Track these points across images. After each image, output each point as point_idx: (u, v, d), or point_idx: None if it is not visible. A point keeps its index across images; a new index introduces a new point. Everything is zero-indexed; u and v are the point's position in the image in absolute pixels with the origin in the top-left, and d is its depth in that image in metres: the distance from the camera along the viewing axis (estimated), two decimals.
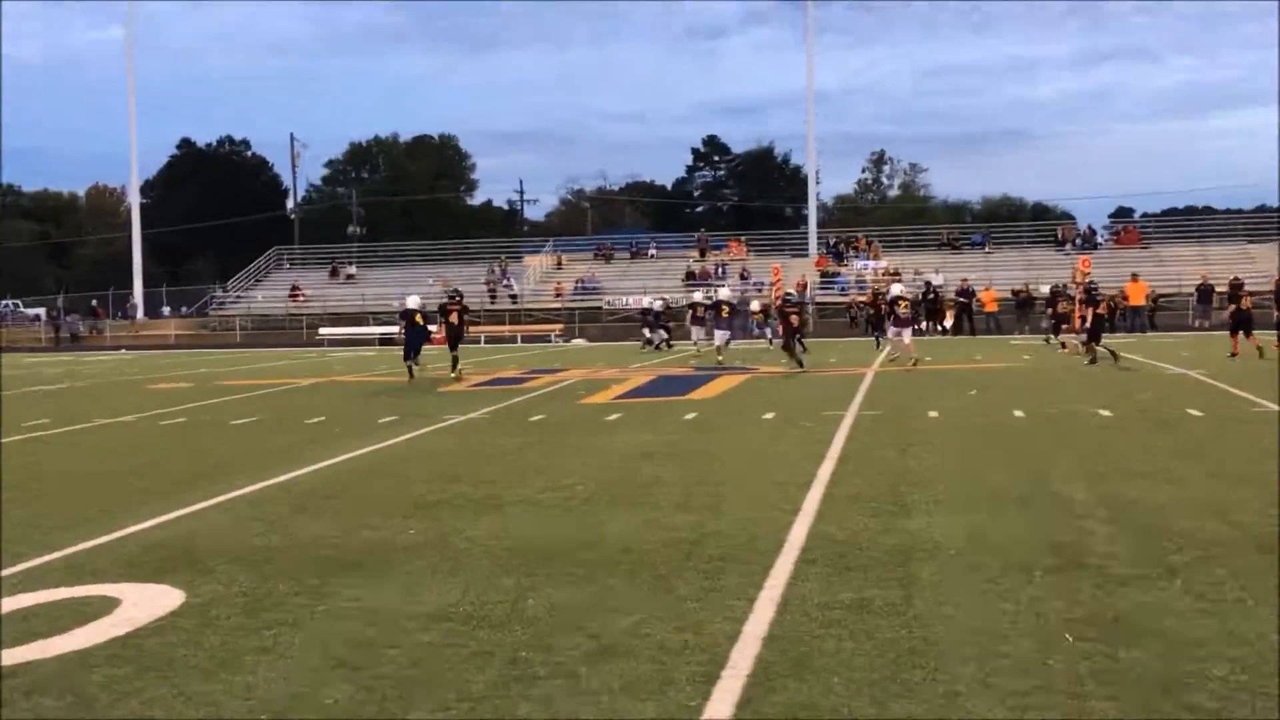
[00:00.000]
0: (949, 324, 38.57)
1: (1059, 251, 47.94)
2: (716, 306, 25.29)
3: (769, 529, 6.53)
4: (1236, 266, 38.05)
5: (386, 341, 39.31)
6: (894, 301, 23.20)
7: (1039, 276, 41.89)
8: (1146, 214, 72.79)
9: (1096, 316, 19.72)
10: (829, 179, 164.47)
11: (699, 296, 30.38)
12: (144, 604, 5.27)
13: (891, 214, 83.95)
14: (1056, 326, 25.12)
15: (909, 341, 21.43)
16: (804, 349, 22.82)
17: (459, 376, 20.50)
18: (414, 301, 20.94)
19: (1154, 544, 5.95)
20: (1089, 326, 19.71)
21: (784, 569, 5.60)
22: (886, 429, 11.12)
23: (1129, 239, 47.97)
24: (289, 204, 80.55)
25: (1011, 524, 6.54)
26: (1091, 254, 43.88)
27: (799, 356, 20.89)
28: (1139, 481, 7.75)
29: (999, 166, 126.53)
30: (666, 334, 30.44)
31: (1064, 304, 24.92)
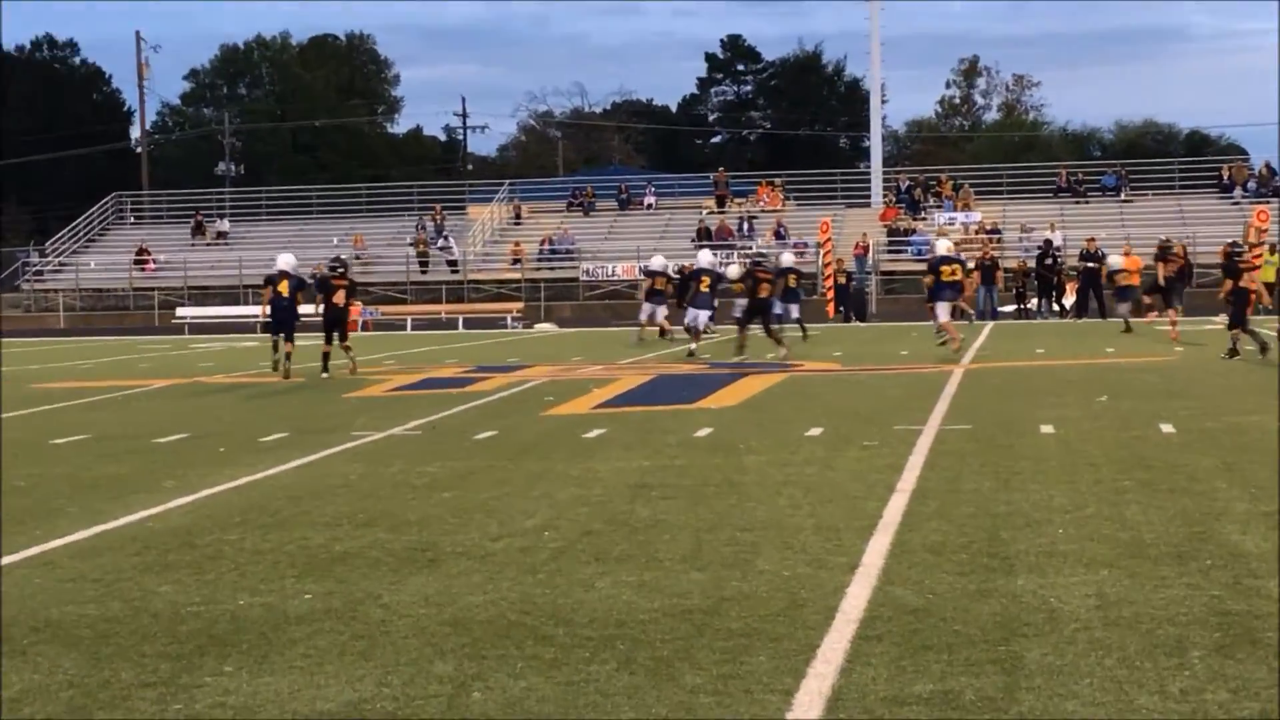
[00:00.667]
0: (1070, 300, 38.67)
1: (1225, 199, 48.13)
2: (695, 278, 25.67)
3: (815, 592, 6.53)
4: None
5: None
6: (784, 274, 25.28)
7: (1194, 234, 42.03)
8: None
9: (1238, 292, 19.86)
10: (900, 97, 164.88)
11: (657, 263, 31.12)
12: None
13: (989, 147, 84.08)
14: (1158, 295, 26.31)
15: (945, 320, 22.05)
16: (780, 332, 23.67)
17: (352, 371, 20.85)
18: (285, 261, 21.24)
19: None
20: (1231, 306, 20.04)
21: (836, 649, 5.60)
22: (981, 450, 11.13)
23: None
24: (133, 133, 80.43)
25: (1159, 585, 6.54)
26: (1273, 203, 43.98)
27: (779, 339, 22.00)
28: None
29: (1140, 80, 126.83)
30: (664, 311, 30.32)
31: (1171, 264, 25.93)
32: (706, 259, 27.51)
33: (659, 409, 15.22)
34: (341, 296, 21.01)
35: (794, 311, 28.45)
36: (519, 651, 5.70)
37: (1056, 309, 38.87)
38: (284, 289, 20.91)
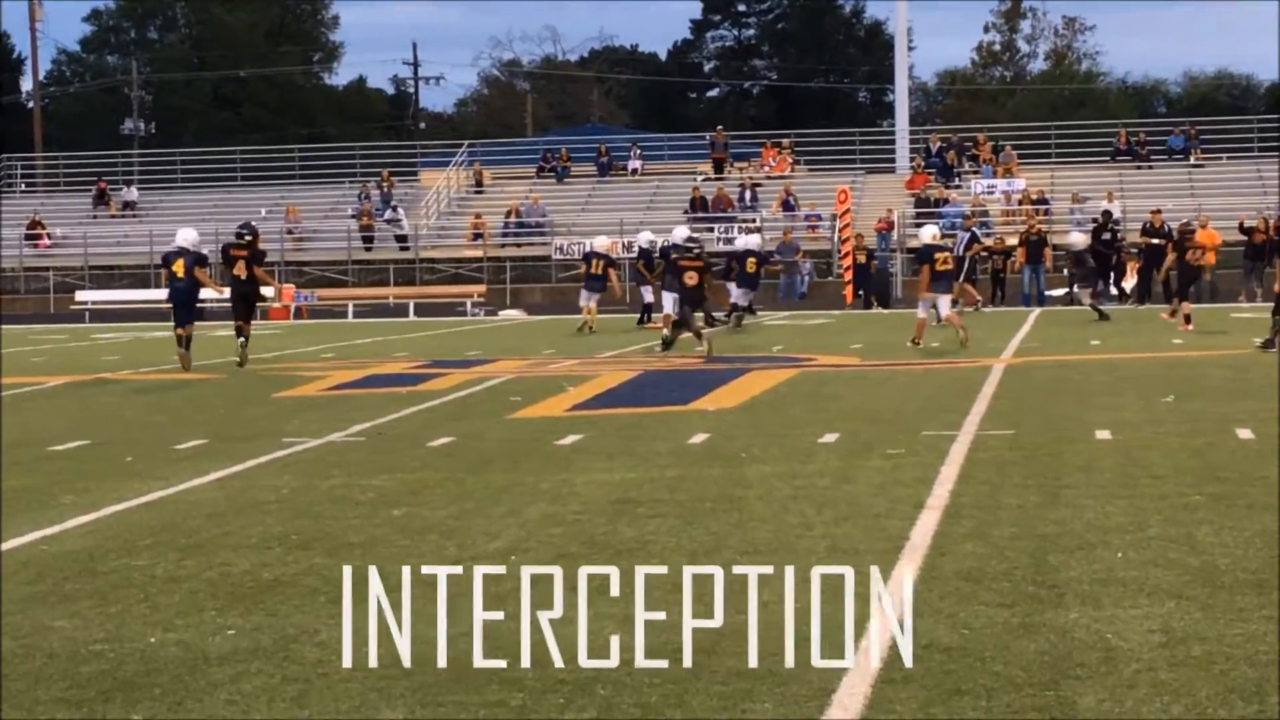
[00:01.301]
0: (1131, 283, 38.68)
1: None
2: (668, 257, 26.22)
3: (831, 626, 6.52)
4: None
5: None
6: (741, 258, 26.17)
7: (1278, 205, 42.07)
8: None
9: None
10: (929, 42, 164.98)
11: (601, 243, 32.04)
12: None
13: (1034, 103, 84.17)
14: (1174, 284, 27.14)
15: (948, 313, 23.69)
16: (712, 324, 24.48)
17: (241, 362, 21.27)
18: (184, 238, 21.58)
19: None
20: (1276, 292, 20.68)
21: (856, 693, 5.60)
22: (1025, 459, 11.12)
23: None
24: (24, 85, 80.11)
25: (1234, 619, 6.54)
26: None
27: (702, 333, 22.51)
28: None
29: (1212, 22, 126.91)
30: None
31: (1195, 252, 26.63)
32: (682, 233, 28.50)
33: (646, 411, 15.19)
34: (241, 268, 21.34)
35: (744, 298, 29.47)
36: (480, 698, 5.69)
37: (1115, 293, 38.87)
38: (179, 269, 21.21)
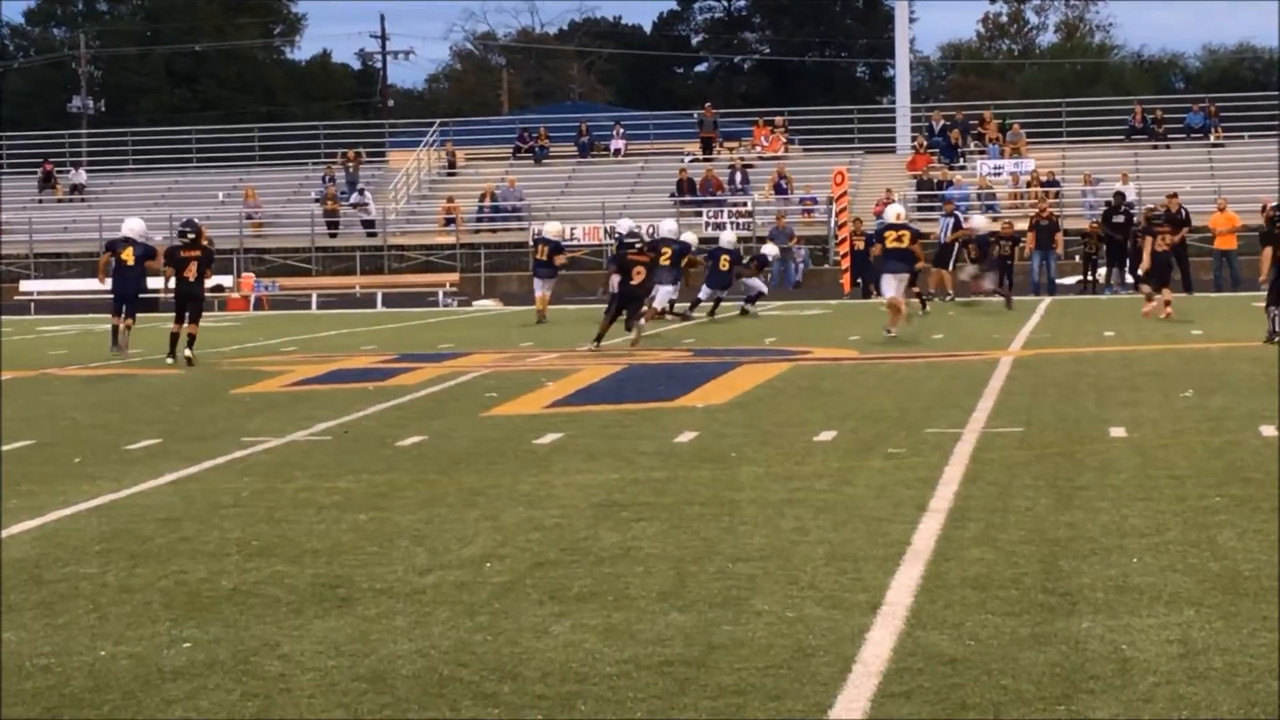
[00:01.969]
0: (1144, 269, 38.64)
1: None
2: (656, 249, 26.58)
3: (826, 638, 6.54)
4: None
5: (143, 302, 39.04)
6: (715, 255, 27.15)
7: None
8: None
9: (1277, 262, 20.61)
10: (932, 15, 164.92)
11: (552, 229, 32.69)
12: None
13: (1044, 78, 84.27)
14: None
15: (892, 295, 23.06)
16: (642, 320, 24.49)
17: (188, 360, 21.31)
18: (131, 228, 22.11)
19: None
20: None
21: (853, 708, 5.61)
22: (1035, 459, 11.15)
23: None
24: None
25: (1258, 629, 6.56)
26: None
27: (636, 328, 22.74)
28: None
29: None
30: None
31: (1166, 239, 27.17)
32: (668, 228, 29.07)
33: (630, 408, 15.17)
34: (193, 270, 21.46)
35: (710, 297, 29.87)
36: (453, 713, 5.70)
37: (1130, 281, 38.88)
38: (128, 256, 21.63)
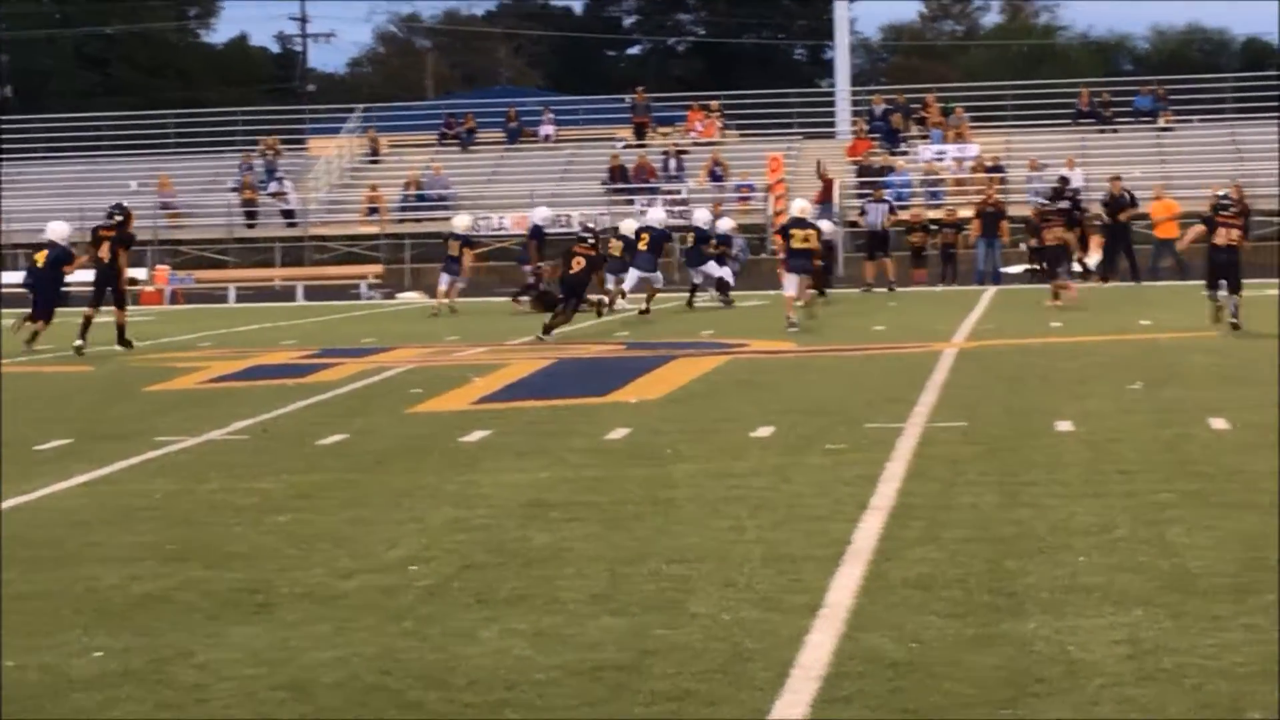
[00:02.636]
0: (1094, 260, 38.94)
1: None
2: (634, 245, 27.93)
3: (765, 642, 6.54)
4: None
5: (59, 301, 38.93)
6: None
7: (1255, 172, 42.47)
8: None
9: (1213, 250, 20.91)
10: None
11: (461, 223, 33.82)
12: None
13: (988, 60, 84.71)
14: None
15: (791, 293, 23.51)
16: (599, 312, 25.84)
17: (128, 344, 21.85)
18: (54, 231, 23.27)
19: None
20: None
21: (793, 714, 5.62)
22: (981, 455, 11.20)
23: None
24: None
25: (1209, 628, 6.58)
26: None
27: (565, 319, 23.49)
28: None
29: None
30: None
31: (1056, 232, 28.07)
32: (542, 215, 30.80)
33: (560, 404, 15.23)
34: (106, 250, 21.78)
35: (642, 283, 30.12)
36: None
37: (1078, 269, 39.11)
38: (41, 259, 22.49)
